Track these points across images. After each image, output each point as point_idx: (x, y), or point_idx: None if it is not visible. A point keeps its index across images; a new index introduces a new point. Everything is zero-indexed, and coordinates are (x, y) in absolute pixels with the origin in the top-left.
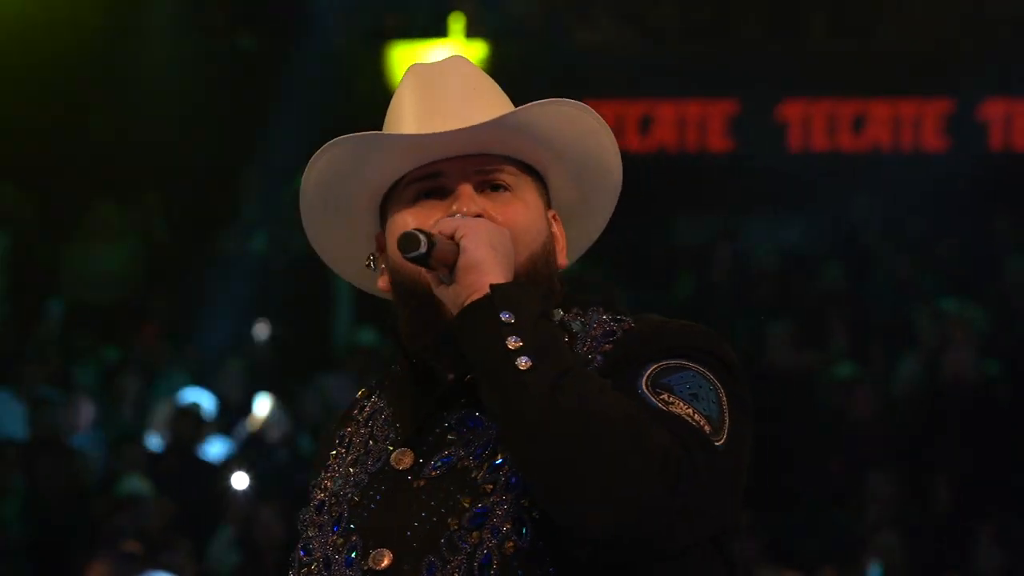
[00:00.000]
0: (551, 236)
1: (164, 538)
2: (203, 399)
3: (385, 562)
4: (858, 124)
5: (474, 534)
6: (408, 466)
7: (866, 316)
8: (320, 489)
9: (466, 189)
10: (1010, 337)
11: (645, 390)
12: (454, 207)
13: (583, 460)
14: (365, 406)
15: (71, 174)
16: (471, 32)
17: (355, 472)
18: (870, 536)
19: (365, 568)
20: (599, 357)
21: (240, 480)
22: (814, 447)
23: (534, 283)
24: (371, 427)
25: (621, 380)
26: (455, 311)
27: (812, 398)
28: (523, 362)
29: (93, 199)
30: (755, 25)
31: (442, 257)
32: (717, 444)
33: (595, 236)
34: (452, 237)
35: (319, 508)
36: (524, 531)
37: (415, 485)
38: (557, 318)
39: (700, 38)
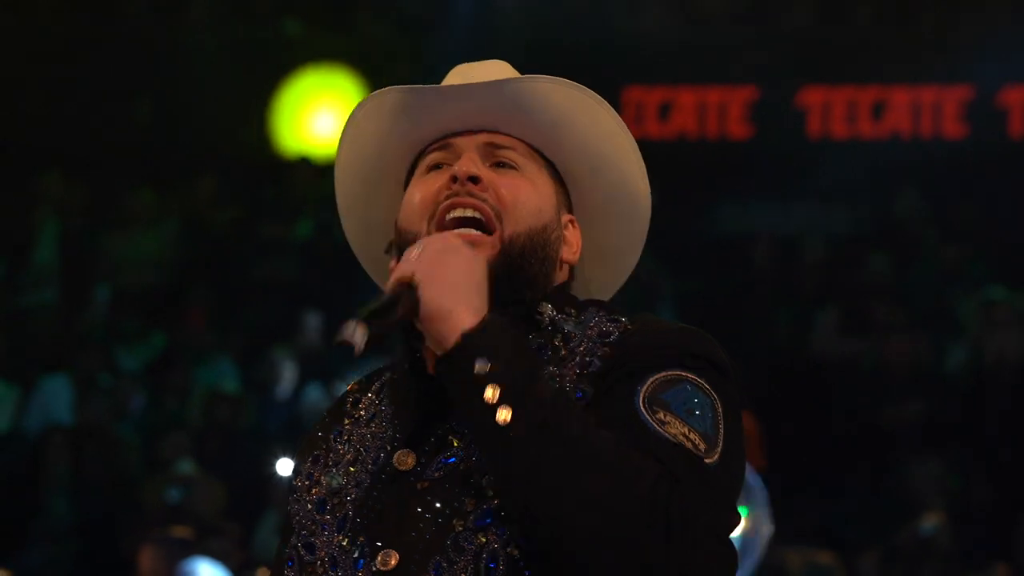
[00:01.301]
0: (557, 227)
1: (214, 523)
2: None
3: (392, 563)
4: (878, 111)
5: (480, 536)
6: (410, 467)
7: (912, 304)
8: (314, 483)
9: (470, 154)
10: None
11: (642, 408)
12: (454, 167)
13: (575, 510)
14: (360, 400)
15: (118, 162)
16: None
17: (356, 471)
18: (914, 522)
19: (373, 569)
20: (596, 361)
21: (285, 466)
22: (858, 435)
23: (527, 260)
24: (371, 425)
25: (620, 391)
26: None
27: (857, 386)
28: (503, 414)
29: (139, 186)
30: (789, 10)
31: (405, 313)
32: (710, 463)
33: (622, 261)
34: (411, 283)
35: (320, 506)
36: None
37: (418, 486)
38: (548, 315)
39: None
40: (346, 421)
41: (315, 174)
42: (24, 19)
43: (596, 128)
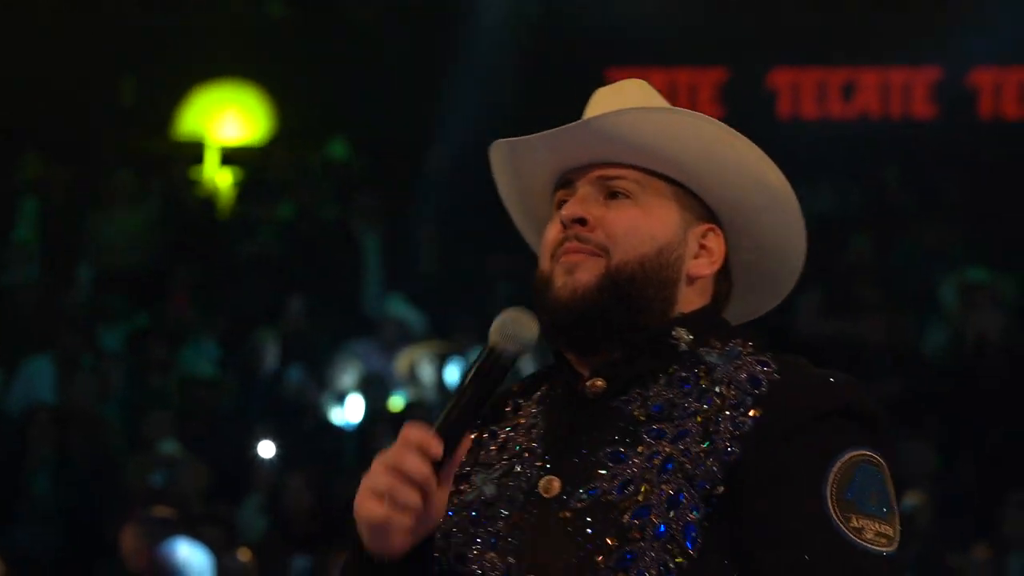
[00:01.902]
0: (680, 245)
1: (197, 504)
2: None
3: None
4: (847, 92)
5: (621, 574)
6: (555, 494)
7: (893, 285)
8: (468, 484)
9: (583, 190)
10: None
11: (837, 521)
12: (562, 211)
13: None
14: (520, 407)
15: (99, 142)
16: None
17: (509, 485)
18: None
19: None
20: (748, 422)
21: (267, 448)
22: None
23: (638, 286)
24: (528, 437)
25: (794, 487)
26: None
27: (839, 366)
28: None
29: (121, 166)
30: None
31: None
32: (893, 550)
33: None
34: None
35: (475, 517)
36: (687, 550)
37: (561, 515)
38: (684, 342)
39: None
40: (506, 425)
41: (296, 155)
42: (4, 1)
43: (696, 143)
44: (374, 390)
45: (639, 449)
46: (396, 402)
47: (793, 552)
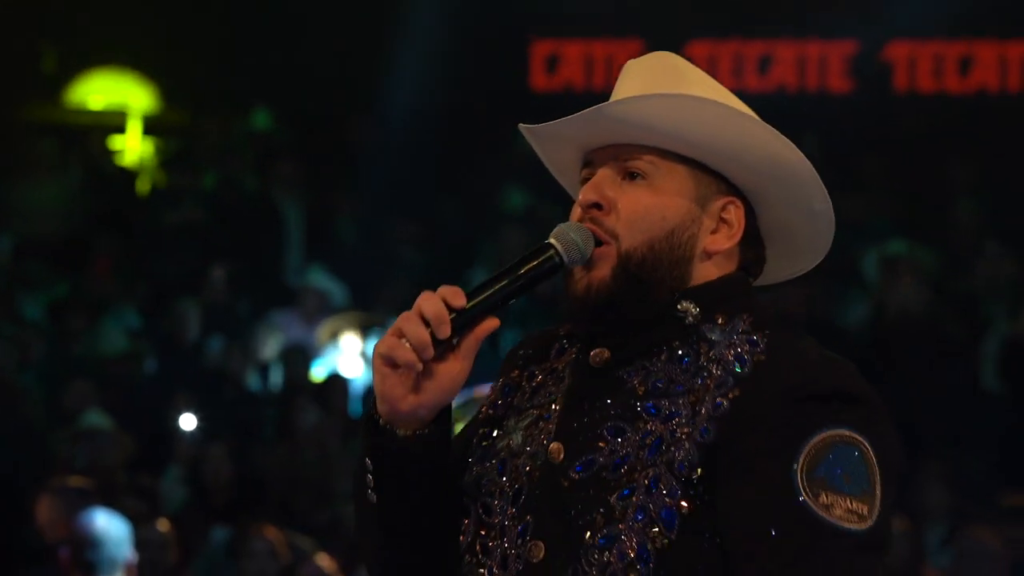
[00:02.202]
0: (693, 223)
1: (119, 475)
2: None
3: (540, 555)
4: (764, 65)
5: (605, 554)
6: (559, 461)
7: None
8: (501, 428)
9: (602, 171)
10: (958, 278)
11: (806, 497)
12: (581, 194)
13: None
14: (564, 351)
15: (20, 111)
16: None
17: (531, 435)
18: None
19: (524, 554)
20: (727, 403)
21: (188, 421)
22: None
23: (648, 267)
24: (558, 387)
25: (766, 465)
26: None
27: None
28: None
29: (41, 135)
30: None
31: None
32: (866, 528)
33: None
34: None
35: (501, 469)
36: (647, 560)
37: (563, 483)
38: (691, 316)
39: None
40: (545, 368)
41: (219, 126)
42: None
43: (705, 125)
44: (295, 360)
45: (637, 425)
46: (317, 372)
47: (760, 527)
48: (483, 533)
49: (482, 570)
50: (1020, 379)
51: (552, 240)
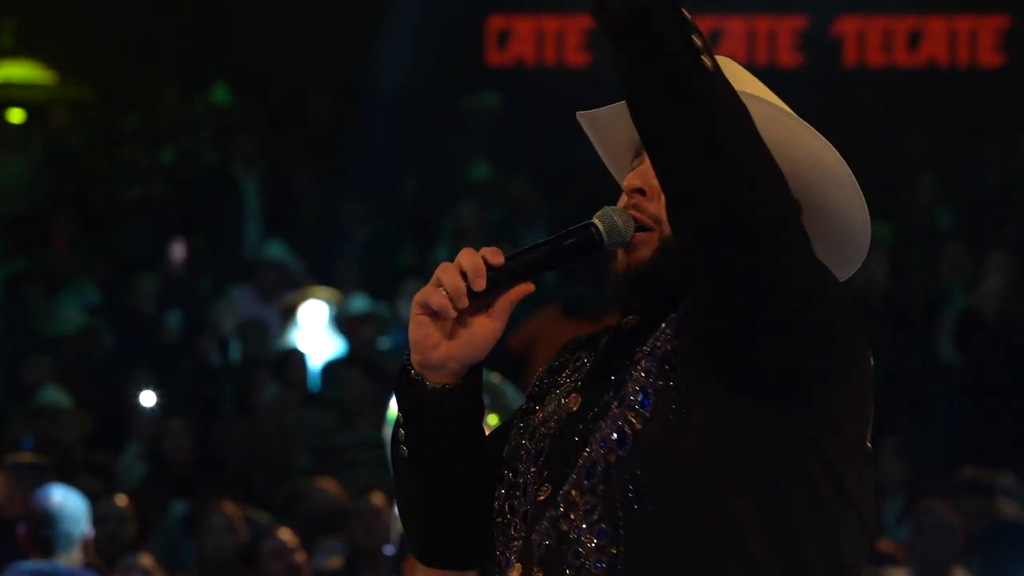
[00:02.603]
0: None
1: (77, 452)
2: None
3: (543, 496)
4: (713, 39)
5: (586, 451)
6: (574, 411)
7: None
8: (542, 405)
9: (647, 164)
10: (915, 253)
11: None
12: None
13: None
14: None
15: None
16: None
17: (557, 403)
18: None
19: (534, 497)
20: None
21: (148, 398)
22: None
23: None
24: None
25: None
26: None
27: None
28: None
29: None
30: None
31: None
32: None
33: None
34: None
35: (532, 433)
36: (625, 443)
37: (578, 427)
38: None
39: None
40: (591, 352)
41: (180, 100)
42: None
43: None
44: (254, 335)
45: (634, 373)
46: (276, 347)
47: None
48: (511, 494)
49: (511, 529)
50: (977, 353)
51: (595, 220)
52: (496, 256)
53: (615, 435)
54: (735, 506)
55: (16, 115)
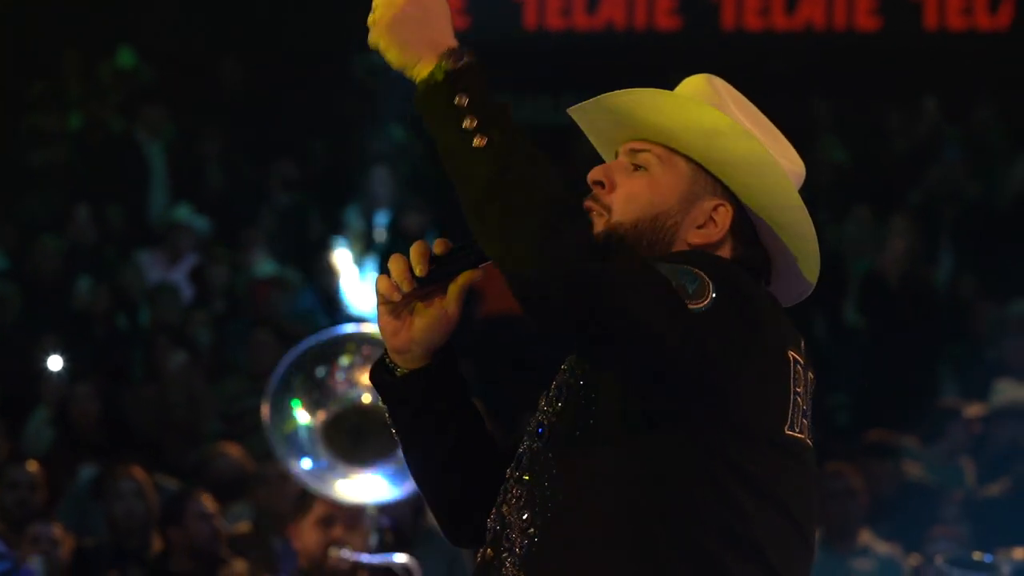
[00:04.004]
0: (679, 213)
1: None
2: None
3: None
4: (592, 4)
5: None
6: (534, 427)
7: None
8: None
9: (618, 159)
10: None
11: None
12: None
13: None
14: None
15: None
16: None
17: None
18: None
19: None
20: None
21: (55, 362)
22: None
23: (632, 241)
24: None
25: None
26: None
27: None
28: (478, 140)
29: None
30: None
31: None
32: (693, 307)
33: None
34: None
35: (518, 449)
36: (544, 433)
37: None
38: None
39: None
40: None
41: (85, 65)
42: None
43: (700, 129)
44: (162, 300)
45: (562, 367)
46: (184, 311)
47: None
48: (501, 498)
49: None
50: (881, 316)
51: None
52: (441, 247)
53: (537, 427)
54: (635, 499)
55: None
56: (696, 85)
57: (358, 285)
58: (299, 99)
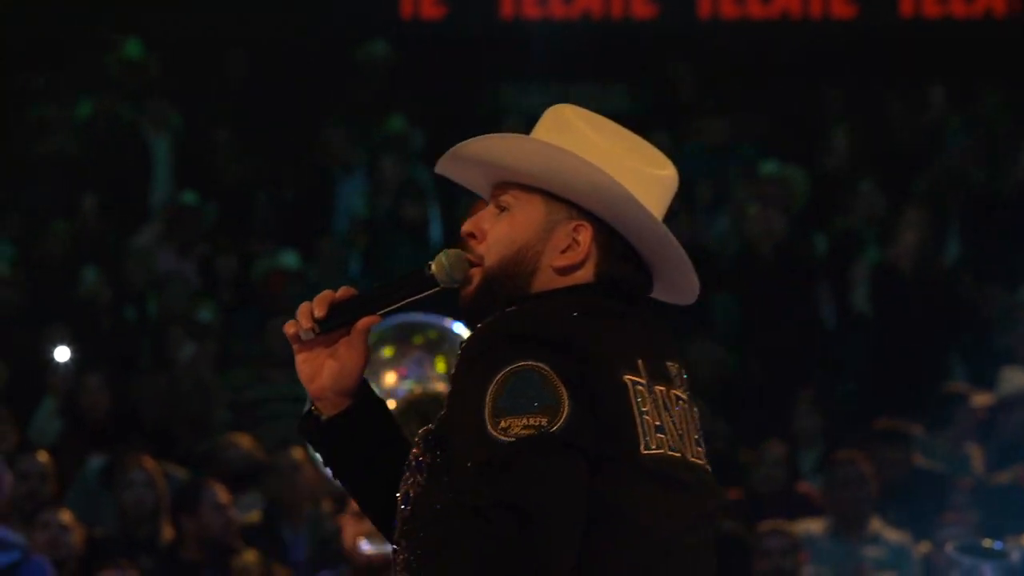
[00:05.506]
0: (539, 243)
1: None
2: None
3: None
4: None
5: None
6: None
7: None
8: None
9: (484, 210)
10: (831, 201)
11: (489, 427)
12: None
13: None
14: None
15: None
16: None
17: None
18: None
19: None
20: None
21: (62, 353)
22: None
23: (499, 282)
24: None
25: (464, 413)
26: None
27: None
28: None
29: None
30: None
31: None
32: (542, 433)
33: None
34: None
35: None
36: (408, 503)
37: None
38: None
39: None
40: None
41: (97, 54)
42: None
43: (521, 155)
44: (170, 289)
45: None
46: (192, 300)
47: (459, 463)
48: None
49: None
50: (891, 303)
51: (431, 262)
52: (346, 292)
53: (401, 497)
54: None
55: None
56: (546, 118)
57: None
58: (305, 88)
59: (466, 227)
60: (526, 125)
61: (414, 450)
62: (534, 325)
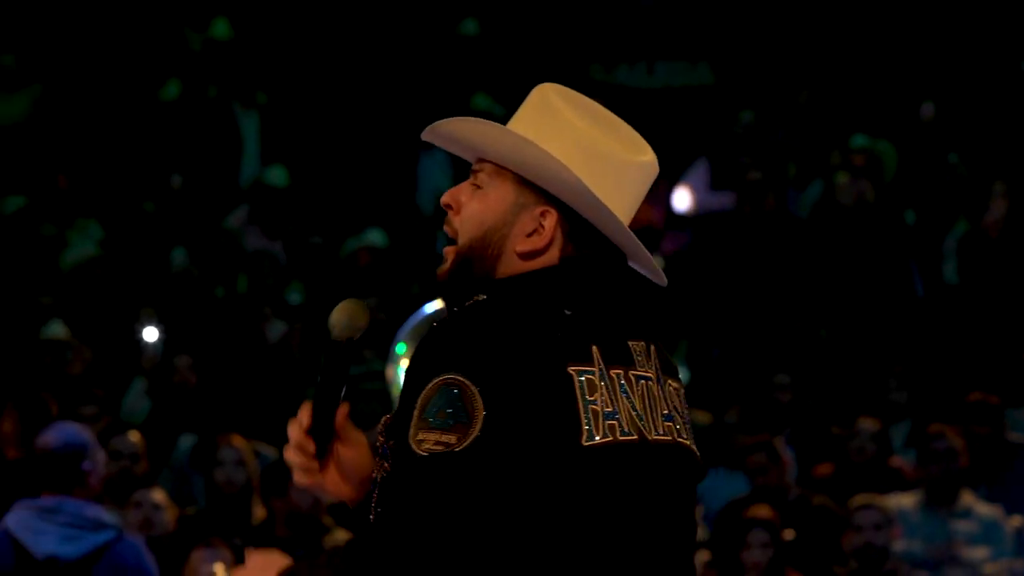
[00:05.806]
0: (506, 226)
1: (82, 387)
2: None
3: None
4: None
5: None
6: None
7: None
8: None
9: (463, 183)
10: (922, 173)
11: (409, 441)
12: None
13: None
14: None
15: None
16: None
17: None
18: None
19: None
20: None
21: (151, 334)
22: None
23: (470, 261)
24: None
25: (401, 425)
26: None
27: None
28: None
29: None
30: None
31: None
32: (448, 452)
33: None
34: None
35: None
36: (374, 488)
37: None
38: (478, 301)
39: None
40: None
41: (181, 32)
42: None
43: (487, 139)
44: (260, 268)
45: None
46: (281, 280)
47: (391, 474)
48: None
49: None
50: (982, 275)
51: (332, 335)
52: (305, 414)
53: (376, 477)
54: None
55: (7, 58)
56: (531, 98)
57: None
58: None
59: (444, 198)
60: (614, 104)
61: (380, 437)
62: (473, 333)
